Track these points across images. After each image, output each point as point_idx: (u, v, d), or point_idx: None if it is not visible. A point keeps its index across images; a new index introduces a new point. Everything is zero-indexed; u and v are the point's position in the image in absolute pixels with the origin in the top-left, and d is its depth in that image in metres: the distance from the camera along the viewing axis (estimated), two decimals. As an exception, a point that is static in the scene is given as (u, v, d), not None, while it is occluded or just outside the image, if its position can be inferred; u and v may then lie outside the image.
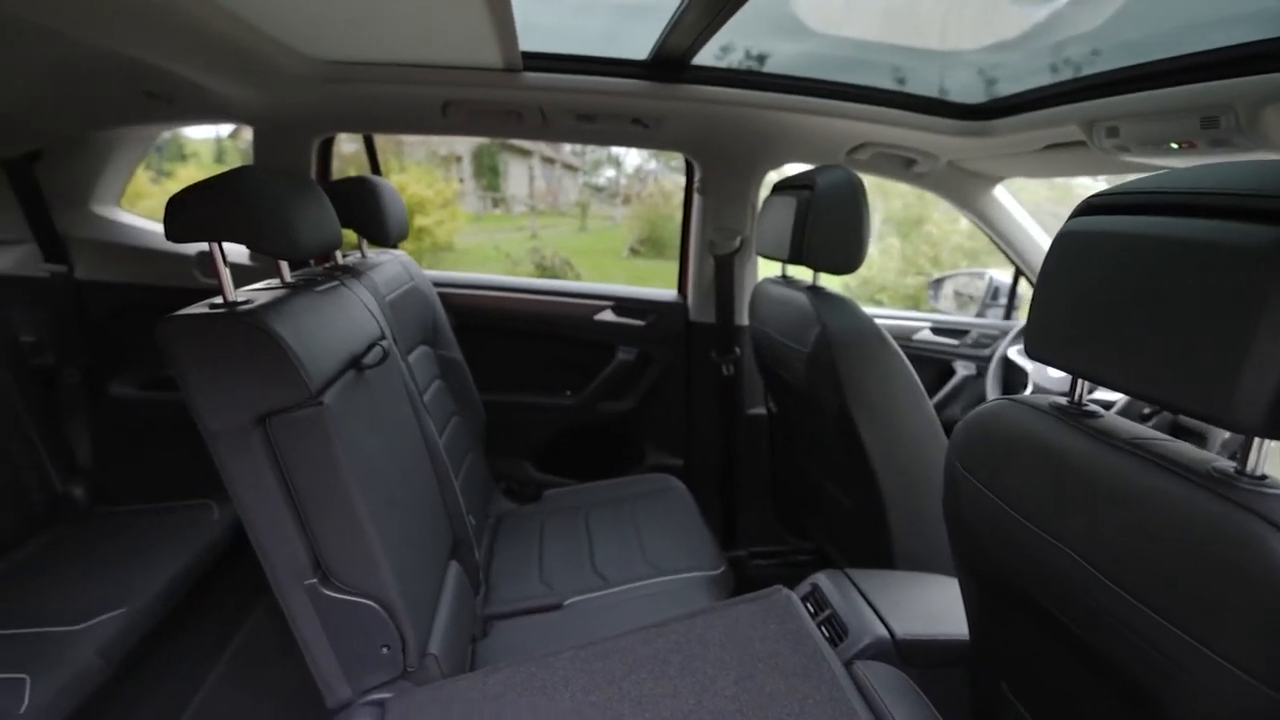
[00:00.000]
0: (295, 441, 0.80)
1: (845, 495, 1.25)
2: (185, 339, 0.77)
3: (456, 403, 1.58)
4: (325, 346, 0.89)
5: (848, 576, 0.97)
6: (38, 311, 1.68)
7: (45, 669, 1.03)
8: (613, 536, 1.41)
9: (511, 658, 1.07)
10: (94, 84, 1.41)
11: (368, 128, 1.75)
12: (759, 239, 1.36)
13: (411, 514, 1.04)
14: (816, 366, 1.12)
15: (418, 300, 1.51)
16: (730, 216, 1.73)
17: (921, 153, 1.63)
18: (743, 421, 1.80)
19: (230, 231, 0.83)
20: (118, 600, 1.20)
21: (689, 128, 1.62)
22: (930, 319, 1.93)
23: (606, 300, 1.85)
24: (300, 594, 0.84)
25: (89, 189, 1.77)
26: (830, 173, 1.15)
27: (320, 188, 1.04)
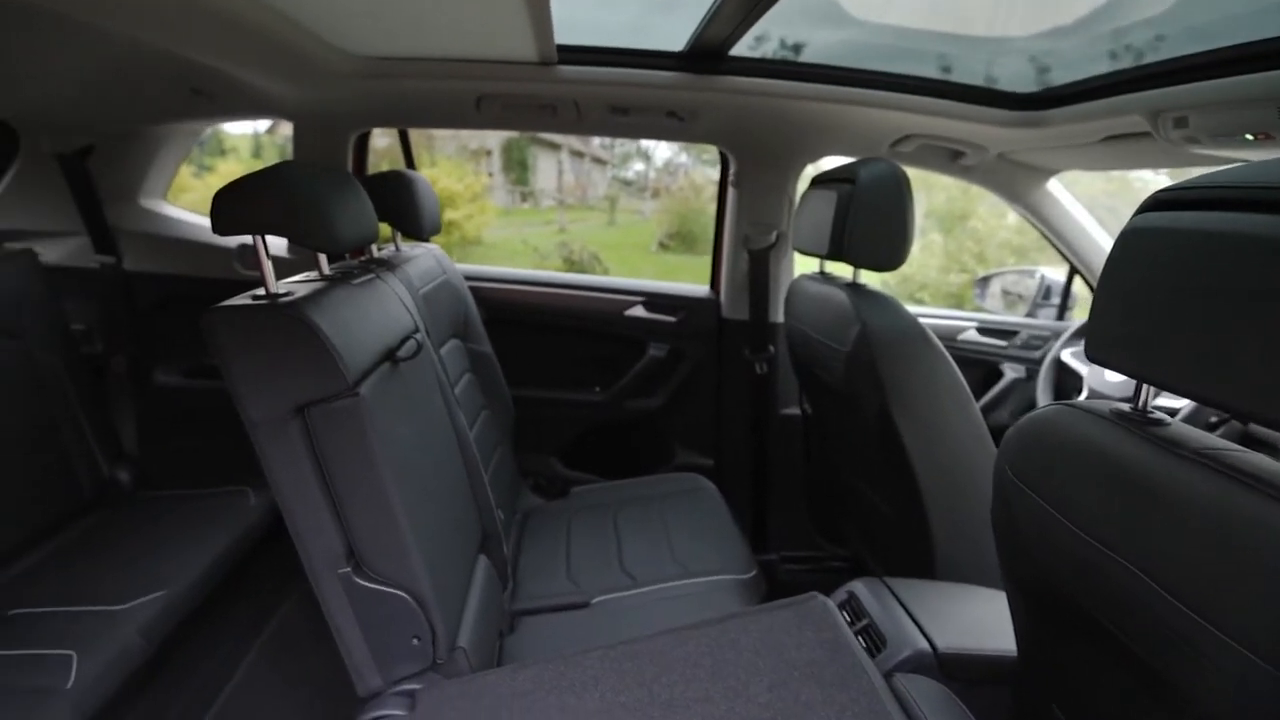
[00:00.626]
0: (332, 432, 0.83)
1: (884, 501, 1.23)
2: (229, 329, 0.80)
3: (486, 396, 1.60)
4: (362, 339, 0.91)
5: (886, 585, 0.95)
6: (88, 301, 1.77)
7: (91, 646, 1.09)
8: (641, 535, 1.41)
9: (540, 655, 1.08)
10: (144, 81, 1.47)
11: (403, 122, 1.79)
12: (796, 234, 1.34)
13: (443, 507, 1.06)
14: (856, 366, 1.10)
15: (450, 294, 1.53)
16: (766, 211, 1.71)
17: (970, 144, 1.58)
18: (776, 421, 1.78)
19: (273, 225, 0.86)
20: (159, 582, 1.25)
21: (725, 120, 1.61)
22: (976, 319, 1.88)
23: (637, 295, 1.85)
24: (334, 582, 0.87)
25: (138, 183, 1.86)
26: (873, 165, 1.13)
27: (358, 182, 1.06)
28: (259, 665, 1.46)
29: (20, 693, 0.99)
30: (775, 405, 1.78)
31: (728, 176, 1.78)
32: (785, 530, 1.82)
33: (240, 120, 1.89)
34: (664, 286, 1.88)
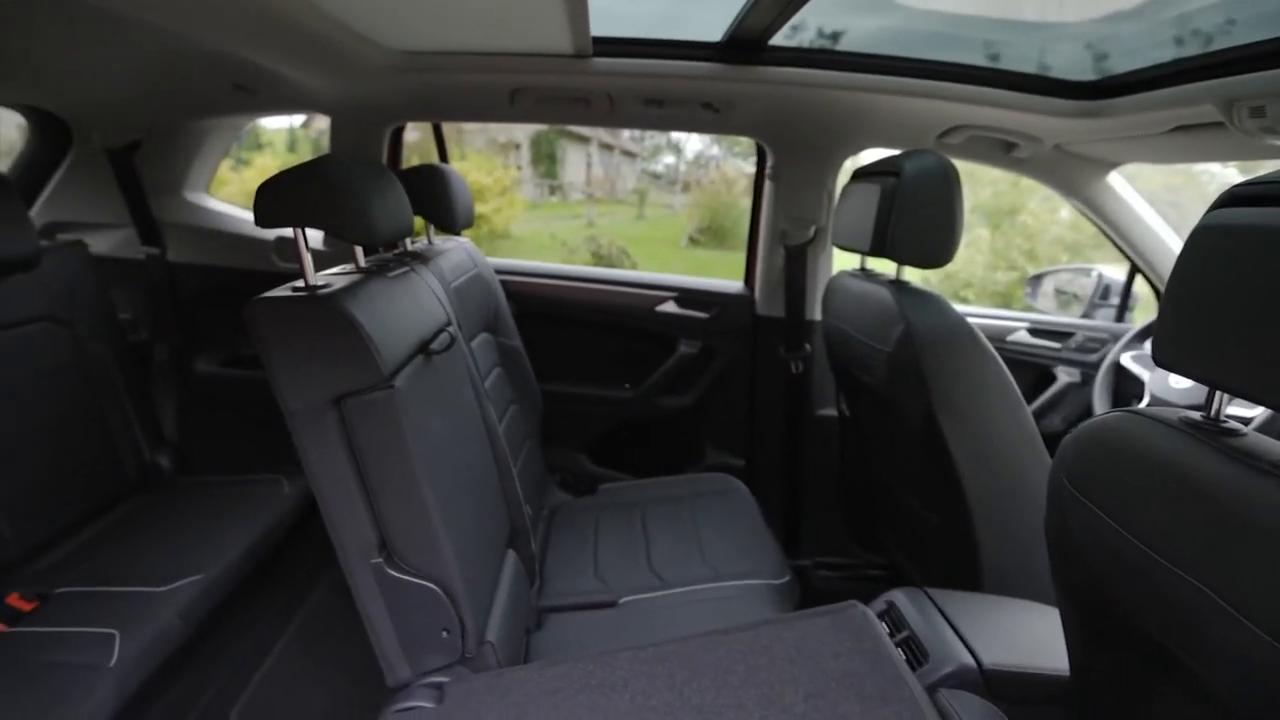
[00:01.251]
0: (367, 423, 0.84)
1: (926, 508, 1.20)
2: (270, 320, 0.82)
3: (515, 391, 1.62)
4: (397, 331, 0.93)
5: (928, 596, 0.92)
6: (134, 291, 1.85)
7: (132, 626, 1.13)
8: (670, 536, 1.41)
9: (567, 653, 1.10)
10: (189, 78, 1.53)
11: (437, 116, 1.82)
12: (836, 229, 1.32)
13: (474, 500, 1.07)
14: (899, 367, 1.08)
15: (481, 287, 1.55)
16: (804, 205, 1.69)
17: (1024, 136, 1.52)
18: (811, 423, 1.76)
19: (313, 218, 0.88)
20: (197, 566, 1.30)
21: (762, 111, 1.59)
22: (1027, 319, 1.81)
23: (669, 291, 1.84)
24: (366, 572, 0.89)
25: (182, 177, 1.93)
26: (919, 158, 1.10)
27: (394, 176, 1.09)
28: (290, 651, 1.51)
29: (66, 668, 1.05)
30: (810, 406, 1.75)
31: (764, 170, 1.75)
32: (819, 535, 1.79)
33: (279, 115, 1.95)
34: (696, 282, 1.87)
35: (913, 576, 1.35)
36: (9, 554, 1.28)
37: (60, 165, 1.81)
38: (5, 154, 5.75)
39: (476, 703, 0.82)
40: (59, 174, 1.82)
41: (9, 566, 1.28)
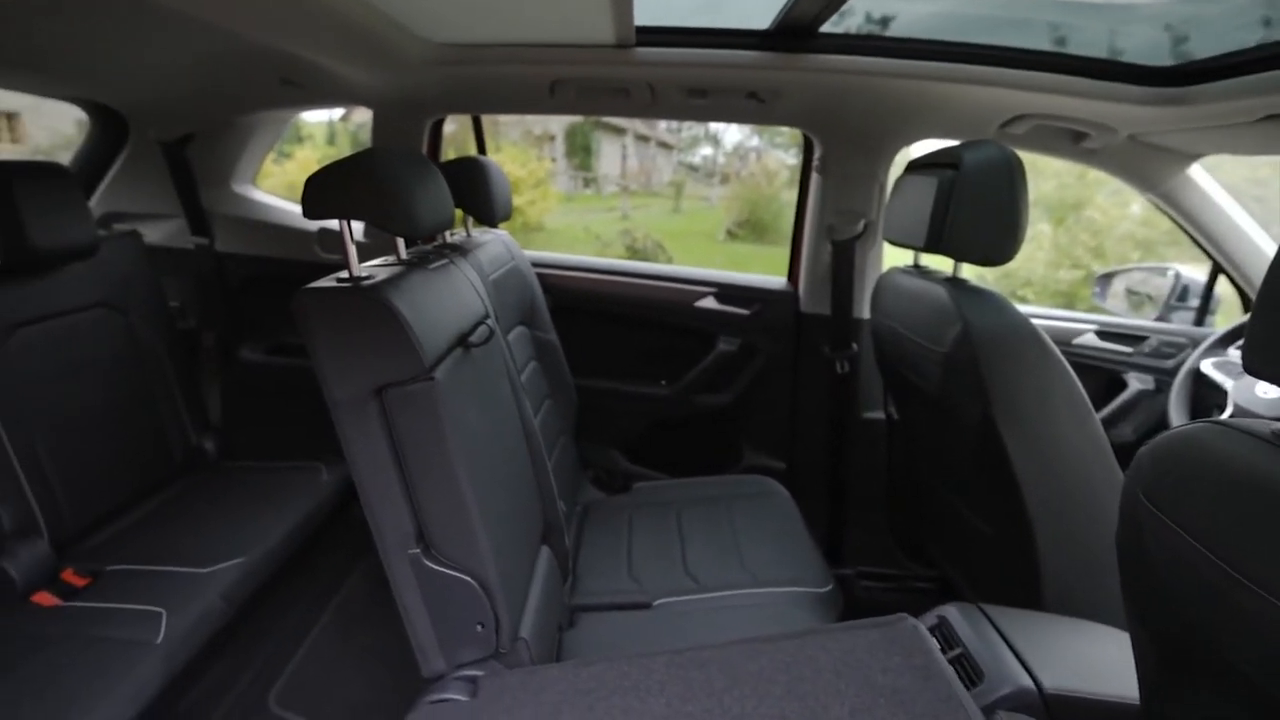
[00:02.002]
0: (407, 414, 0.86)
1: (982, 520, 1.16)
2: (316, 310, 0.85)
3: (550, 385, 1.63)
4: (437, 323, 0.94)
5: (983, 612, 0.89)
6: (183, 280, 1.94)
7: (178, 605, 1.19)
8: (706, 538, 1.40)
9: (600, 653, 1.10)
10: (239, 73, 1.60)
11: (477, 108, 1.85)
12: (887, 223, 1.28)
13: (510, 494, 1.09)
14: (955, 369, 1.04)
15: (518, 280, 1.57)
16: (853, 198, 1.65)
17: (1096, 125, 1.45)
18: (857, 425, 1.72)
19: (359, 210, 0.91)
20: (239, 549, 1.36)
21: (811, 101, 1.56)
22: (1096, 321, 1.73)
23: (709, 286, 1.83)
24: (404, 562, 0.91)
25: (230, 169, 2.01)
26: (980, 148, 1.06)
27: (437, 168, 1.11)
28: (327, 636, 1.56)
29: (116, 643, 1.11)
30: (857, 408, 1.72)
31: (811, 161, 1.72)
32: (863, 544, 1.76)
33: (324, 108, 2.01)
34: (737, 277, 1.85)
35: (964, 591, 1.31)
36: (65, 531, 1.37)
37: (117, 158, 1.92)
38: (61, 147, 6.07)
39: (510, 699, 0.83)
40: (116, 166, 1.92)
41: (64, 543, 1.36)
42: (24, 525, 1.28)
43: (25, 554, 1.24)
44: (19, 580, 1.21)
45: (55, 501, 1.35)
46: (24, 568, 1.23)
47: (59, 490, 1.37)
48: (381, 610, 1.61)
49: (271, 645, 1.51)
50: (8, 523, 1.25)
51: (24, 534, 1.27)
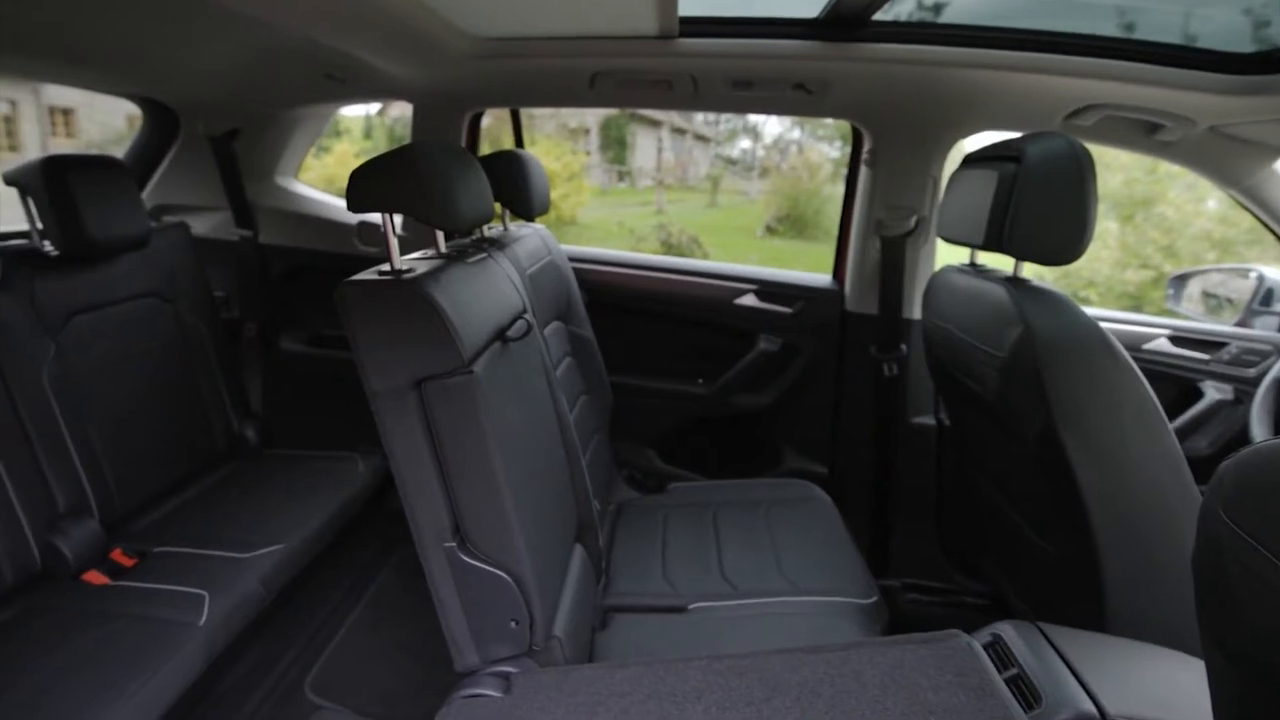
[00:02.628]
0: (446, 407, 0.88)
1: (1040, 535, 1.12)
2: (358, 302, 0.87)
3: (585, 382, 1.64)
4: (476, 317, 0.96)
5: (1041, 632, 0.86)
6: (227, 270, 2.02)
7: (221, 589, 1.25)
8: (744, 542, 1.38)
9: (633, 655, 1.10)
10: (285, 68, 1.65)
11: (516, 101, 1.87)
12: (942, 219, 1.25)
13: (545, 491, 1.09)
14: (1015, 375, 1.01)
15: (554, 275, 1.58)
16: (905, 193, 1.61)
17: (1173, 116, 1.39)
18: (905, 431, 1.69)
19: (403, 203, 0.92)
20: (278, 536, 1.41)
21: (861, 92, 1.53)
22: (1168, 325, 1.65)
23: (749, 283, 1.81)
24: (440, 555, 0.92)
25: (274, 163, 2.08)
26: (1045, 141, 1.02)
27: (478, 162, 1.13)
28: (360, 627, 1.60)
29: (161, 623, 1.16)
30: (905, 412, 1.68)
31: (859, 154, 1.69)
32: (909, 555, 1.72)
33: (365, 102, 2.07)
34: (780, 274, 1.83)
35: (1019, 609, 1.27)
36: (114, 512, 1.44)
37: (168, 152, 2.00)
38: (112, 142, 6.58)
39: (544, 698, 0.84)
40: (167, 160, 2.01)
41: (114, 524, 1.43)
42: (76, 505, 1.35)
43: (77, 533, 1.31)
44: (71, 558, 1.29)
45: (105, 483, 1.43)
46: (76, 546, 1.30)
47: (109, 473, 1.44)
48: (415, 603, 1.65)
49: (307, 633, 1.56)
50: (61, 503, 1.33)
51: (76, 514, 1.34)
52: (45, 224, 1.41)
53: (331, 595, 1.68)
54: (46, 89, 11.74)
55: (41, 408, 1.33)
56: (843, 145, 2.89)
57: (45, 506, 1.30)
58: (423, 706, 1.36)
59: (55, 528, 1.30)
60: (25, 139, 12.00)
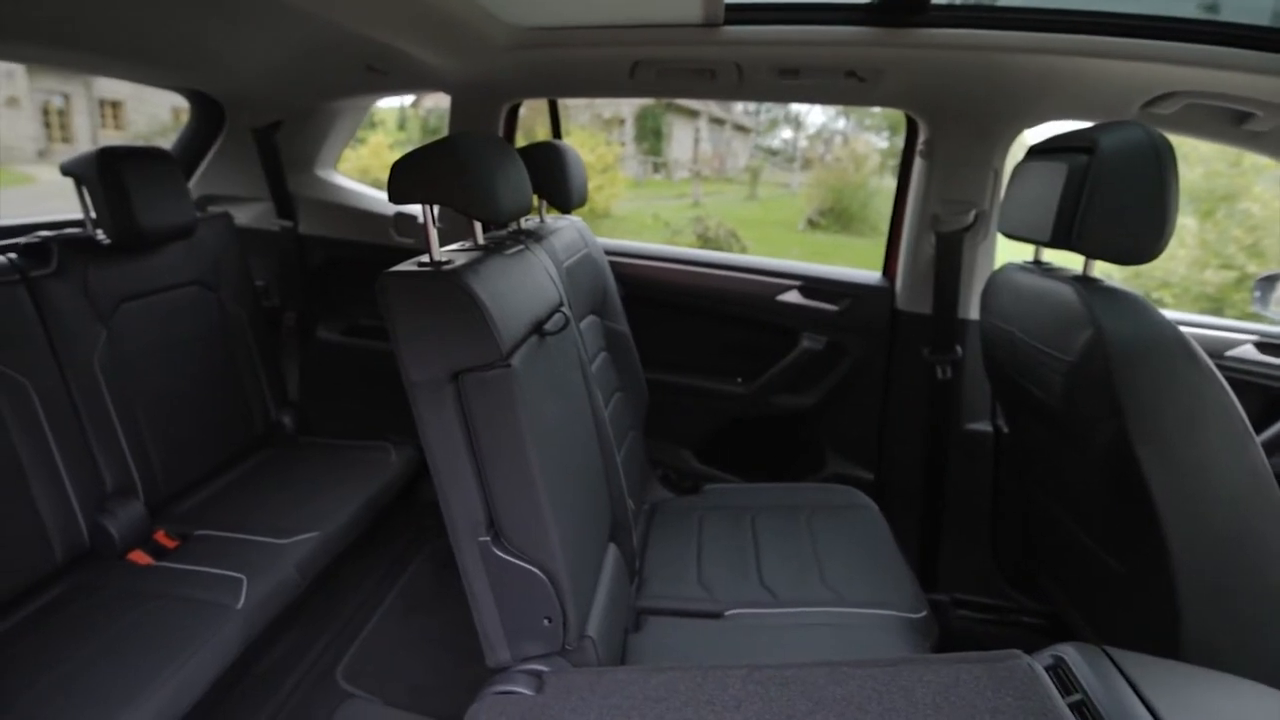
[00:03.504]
0: (483, 400, 0.89)
1: (1109, 552, 1.07)
2: (398, 293, 0.89)
3: (620, 378, 1.64)
4: (515, 310, 0.97)
5: (1108, 656, 0.83)
6: (267, 260, 2.09)
7: (258, 573, 1.30)
8: (784, 548, 1.37)
9: (667, 660, 1.10)
10: (327, 61, 1.71)
11: (555, 92, 1.88)
12: (1004, 214, 1.21)
13: (580, 488, 1.10)
14: (1084, 381, 0.97)
15: (591, 268, 1.59)
16: (963, 186, 1.57)
17: (1265, 105, 1.31)
18: (959, 437, 1.64)
19: (444, 195, 0.94)
20: (313, 523, 1.47)
21: (918, 80, 1.49)
22: (1254, 331, 1.57)
23: (793, 279, 1.79)
24: (473, 549, 0.94)
25: (314, 154, 2.15)
26: (1121, 131, 0.97)
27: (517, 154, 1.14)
28: (392, 617, 1.65)
29: (201, 605, 1.22)
30: (958, 418, 1.63)
31: (914, 145, 1.65)
32: (961, 569, 1.67)
33: (404, 94, 2.12)
34: (826, 270, 1.80)
35: (1082, 631, 1.22)
36: (158, 495, 1.51)
37: (214, 143, 2.09)
38: (158, 133, 7.12)
39: (577, 699, 0.85)
40: (212, 151, 2.10)
41: (157, 506, 1.50)
42: (123, 487, 1.43)
43: (123, 514, 1.39)
44: (118, 538, 1.36)
45: (150, 466, 1.50)
46: (122, 527, 1.38)
47: (154, 456, 1.52)
48: (445, 595, 1.70)
49: (339, 621, 1.62)
50: (109, 484, 1.40)
51: (123, 495, 1.42)
52: (98, 213, 1.49)
53: (363, 584, 1.73)
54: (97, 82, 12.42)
55: (92, 391, 1.40)
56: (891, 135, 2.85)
57: (94, 487, 1.38)
58: (452, 700, 1.39)
59: (103, 508, 1.38)
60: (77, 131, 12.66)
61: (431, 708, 1.39)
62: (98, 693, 1.02)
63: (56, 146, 12.11)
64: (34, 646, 1.13)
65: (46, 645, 1.13)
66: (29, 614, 1.22)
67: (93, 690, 1.03)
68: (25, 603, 1.24)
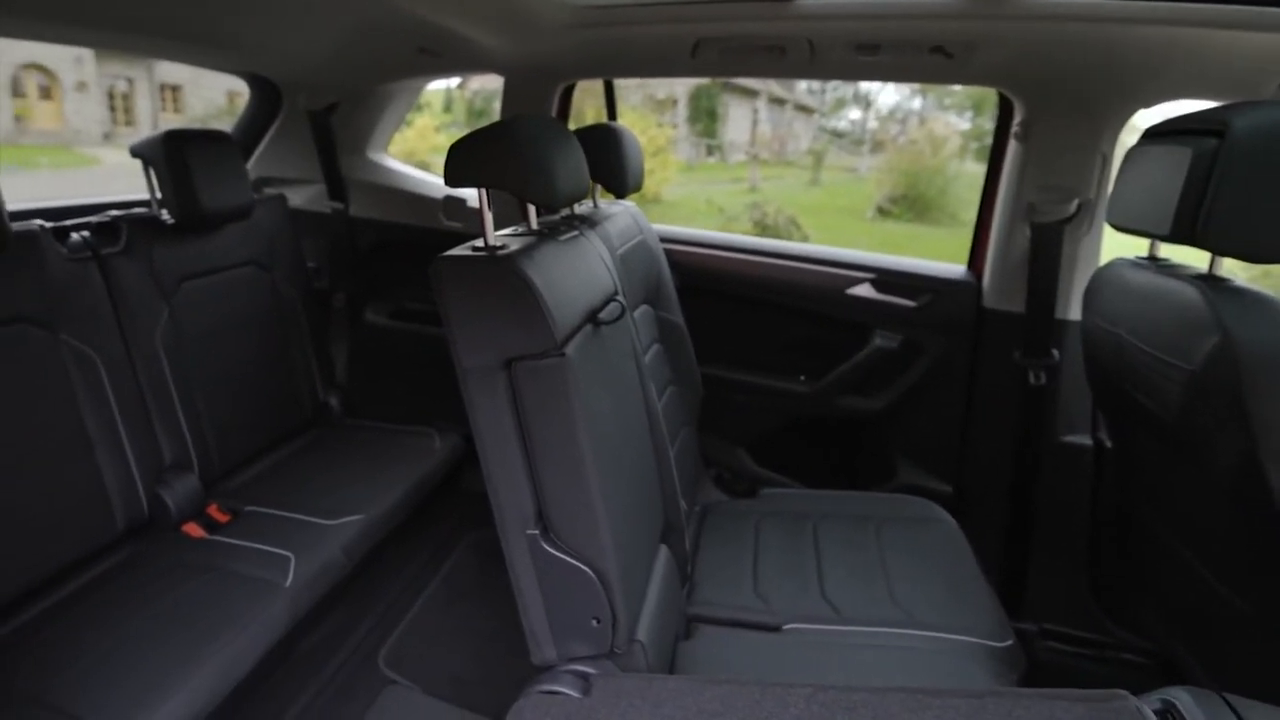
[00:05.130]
0: (535, 389, 0.90)
1: (1233, 589, 1.00)
2: (452, 278, 0.90)
3: (674, 371, 1.63)
4: (569, 297, 0.97)
5: (1228, 704, 0.77)
6: (319, 242, 2.18)
7: (306, 552, 1.36)
8: (849, 560, 1.34)
9: (721, 672, 1.08)
10: (381, 43, 1.76)
11: (611, 72, 1.88)
12: (1114, 204, 1.14)
13: (632, 485, 1.10)
14: (1207, 393, 0.90)
15: (645, 255, 1.58)
16: (1065, 172, 1.49)
17: None
18: (1052, 450, 1.56)
19: (501, 179, 0.95)
20: (358, 506, 1.53)
21: (1014, 54, 1.42)
22: None
23: (865, 271, 1.74)
24: (521, 542, 0.95)
25: (367, 137, 2.23)
26: (1257, 111, 0.90)
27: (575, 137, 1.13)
28: (434, 605, 1.71)
29: (251, 580, 1.29)
30: (1053, 429, 1.56)
31: (1008, 127, 1.57)
32: (1050, 596, 1.60)
33: (457, 75, 2.17)
34: (903, 262, 1.75)
35: (1194, 673, 1.15)
36: (212, 470, 1.61)
37: (271, 126, 2.18)
38: (214, 116, 7.65)
39: (625, 704, 0.84)
40: (269, 134, 2.19)
41: (211, 481, 1.60)
42: (180, 460, 1.53)
43: (180, 487, 1.49)
44: (174, 510, 1.46)
45: (205, 441, 1.60)
46: (178, 499, 1.47)
47: (208, 431, 1.61)
48: (487, 586, 1.75)
49: (382, 606, 1.68)
50: (168, 457, 1.50)
51: (179, 468, 1.52)
52: (164, 194, 1.59)
53: (405, 570, 1.80)
54: (158, 67, 13.24)
55: (154, 367, 1.50)
56: (975, 115, 2.66)
57: (153, 459, 1.47)
58: (493, 694, 1.43)
59: (161, 480, 1.47)
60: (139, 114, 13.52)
61: (472, 700, 1.43)
62: (151, 663, 1.09)
63: (121, 129, 12.98)
64: (93, 612, 1.22)
65: (105, 611, 1.22)
66: (91, 578, 1.32)
67: (145, 661, 1.10)
68: (88, 567, 1.34)
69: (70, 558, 1.30)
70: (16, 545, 1.21)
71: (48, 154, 11.03)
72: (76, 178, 10.33)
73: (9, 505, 1.21)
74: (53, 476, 1.28)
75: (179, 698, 1.03)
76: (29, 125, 11.97)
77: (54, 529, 1.27)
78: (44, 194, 1.83)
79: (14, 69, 11.77)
